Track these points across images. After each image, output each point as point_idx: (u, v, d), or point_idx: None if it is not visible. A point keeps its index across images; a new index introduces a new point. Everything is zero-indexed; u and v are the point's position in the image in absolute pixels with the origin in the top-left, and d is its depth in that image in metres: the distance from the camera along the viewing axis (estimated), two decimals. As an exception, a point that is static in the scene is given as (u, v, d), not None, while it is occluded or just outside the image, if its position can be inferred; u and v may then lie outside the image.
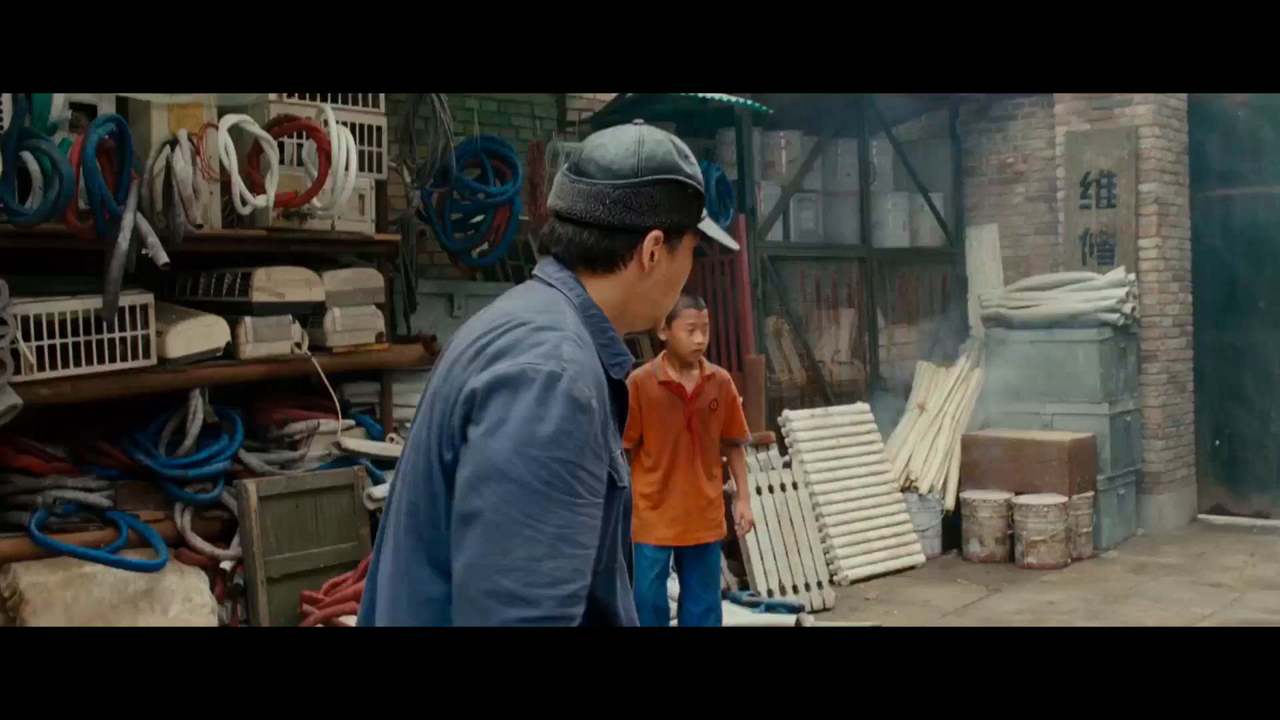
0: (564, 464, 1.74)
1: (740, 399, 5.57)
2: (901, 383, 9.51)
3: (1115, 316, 8.86)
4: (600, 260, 1.96)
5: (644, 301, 2.02)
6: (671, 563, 5.43)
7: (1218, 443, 9.77)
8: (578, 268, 1.98)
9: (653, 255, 1.96)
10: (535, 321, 1.87)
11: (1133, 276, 9.07)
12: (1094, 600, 7.38)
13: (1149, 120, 9.16)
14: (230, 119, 5.15)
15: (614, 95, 8.22)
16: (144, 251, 4.77)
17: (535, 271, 2.03)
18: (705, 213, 2.07)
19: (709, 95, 7.59)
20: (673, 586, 5.71)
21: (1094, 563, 8.45)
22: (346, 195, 5.51)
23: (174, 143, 4.97)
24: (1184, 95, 9.54)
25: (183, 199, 4.89)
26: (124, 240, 4.72)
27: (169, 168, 4.96)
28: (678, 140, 2.02)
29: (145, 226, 4.79)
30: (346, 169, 5.40)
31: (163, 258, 4.77)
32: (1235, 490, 9.72)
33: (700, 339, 5.23)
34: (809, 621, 6.23)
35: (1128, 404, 9.12)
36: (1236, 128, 9.44)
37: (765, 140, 8.95)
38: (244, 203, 5.16)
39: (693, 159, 2.03)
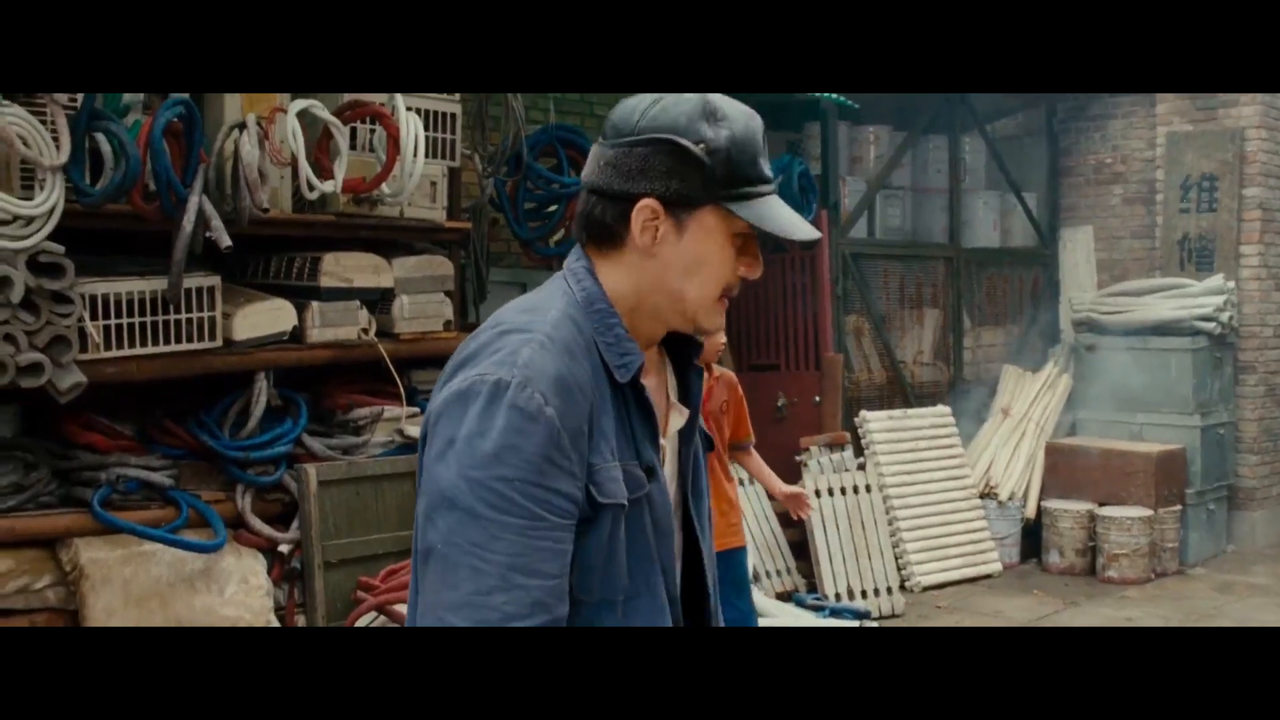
0: (510, 483, 1.57)
1: (744, 401, 5.46)
2: (986, 386, 9.29)
3: (1211, 325, 8.56)
4: (599, 233, 1.76)
5: (660, 292, 1.76)
6: None
7: (1317, 459, 9.40)
8: (588, 246, 1.79)
9: (651, 231, 1.72)
10: (506, 324, 1.71)
11: (1232, 284, 8.75)
12: (1173, 619, 7.13)
13: (1255, 122, 8.82)
14: (299, 104, 5.14)
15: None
16: (208, 234, 4.79)
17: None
18: (753, 192, 1.73)
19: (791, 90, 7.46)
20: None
21: (1178, 579, 8.18)
22: (414, 182, 5.48)
23: (242, 126, 4.97)
24: (1294, 96, 9.17)
25: (248, 182, 4.90)
26: (189, 222, 4.74)
27: (236, 151, 4.97)
28: (717, 101, 1.73)
29: (210, 209, 4.80)
30: (415, 155, 5.38)
31: (225, 241, 4.78)
32: (1334, 509, 9.34)
33: (722, 339, 5.20)
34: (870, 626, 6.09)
35: (1222, 416, 8.81)
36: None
37: (853, 135, 8.77)
38: (311, 188, 5.15)
39: (733, 122, 1.72)
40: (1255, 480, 9.03)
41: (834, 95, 7.65)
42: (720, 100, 1.74)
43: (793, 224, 1.77)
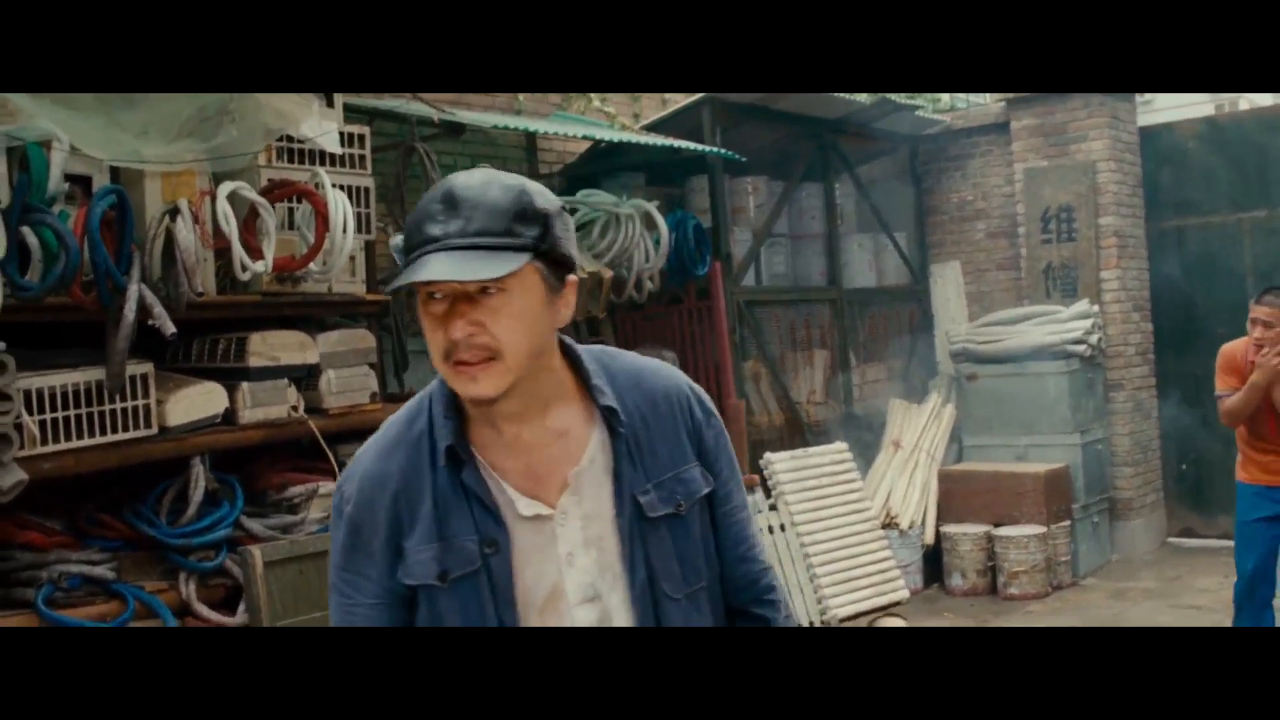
0: (333, 569, 1.94)
1: None
2: (875, 420, 9.62)
3: (1082, 348, 9.05)
4: None
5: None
6: None
7: (1184, 467, 9.97)
8: None
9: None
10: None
11: (1096, 308, 9.27)
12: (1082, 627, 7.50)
13: (1105, 155, 9.39)
14: (228, 185, 5.17)
15: (587, 146, 8.32)
16: (150, 322, 4.76)
17: None
18: (414, 258, 1.82)
19: (681, 145, 7.71)
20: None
21: (1074, 590, 8.59)
22: (345, 258, 5.53)
23: (174, 212, 4.97)
24: (1135, 129, 9.80)
25: (186, 268, 4.89)
26: (130, 311, 4.71)
27: (169, 236, 4.96)
28: (441, 188, 1.84)
29: (150, 297, 4.78)
30: (345, 231, 5.43)
31: (170, 328, 4.77)
32: (1202, 513, 9.90)
33: None
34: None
35: (1097, 433, 9.30)
36: (1187, 159, 9.70)
37: (733, 186, 9.05)
38: (244, 269, 5.16)
39: (421, 204, 1.87)
40: (1131, 491, 9.54)
41: (719, 150, 7.90)
42: (446, 182, 1.87)
43: (422, 270, 1.83)
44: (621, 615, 1.94)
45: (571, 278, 1.93)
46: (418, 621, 1.87)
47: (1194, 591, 8.28)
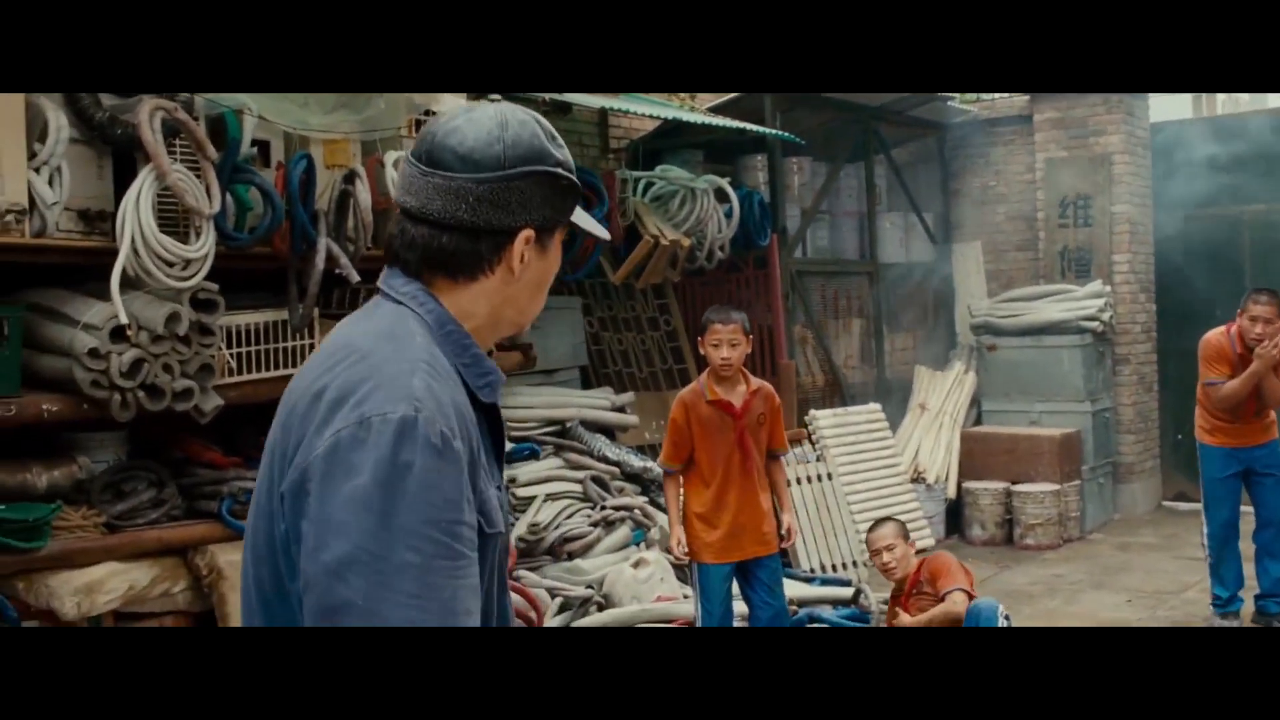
0: (438, 525, 1.49)
1: (781, 413, 5.71)
2: (903, 385, 10.47)
3: (1094, 324, 9.89)
4: (462, 266, 1.69)
5: (510, 307, 1.76)
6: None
7: (1179, 437, 10.85)
8: (433, 275, 1.70)
9: (523, 257, 1.70)
10: (377, 353, 1.60)
11: (1108, 288, 10.12)
12: (1094, 572, 8.37)
13: (1120, 148, 10.23)
14: (393, 154, 5.90)
15: (654, 123, 9.06)
16: (337, 271, 5.50)
17: (380, 284, 1.74)
18: (580, 211, 1.82)
19: (747, 126, 8.46)
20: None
21: (1083, 543, 9.46)
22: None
23: (351, 175, 5.69)
24: (1148, 125, 10.64)
25: (363, 224, 5.62)
26: (320, 261, 5.44)
27: (344, 195, 5.69)
28: (543, 120, 1.75)
29: (336, 249, 5.51)
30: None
31: (354, 276, 5.50)
32: (1195, 479, 10.72)
33: (726, 353, 5.27)
34: (867, 591, 7.08)
35: (1105, 402, 10.17)
36: (1195, 154, 10.53)
37: (781, 166, 9.84)
38: (406, 227, 5.89)
39: (560, 140, 1.76)
40: (1133, 456, 10.43)
41: (780, 133, 8.67)
42: (540, 117, 1.76)
43: (597, 225, 1.92)
44: None
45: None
46: None
47: (1191, 546, 9.13)
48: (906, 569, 5.87)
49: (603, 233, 1.98)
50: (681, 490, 5.65)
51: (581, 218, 1.81)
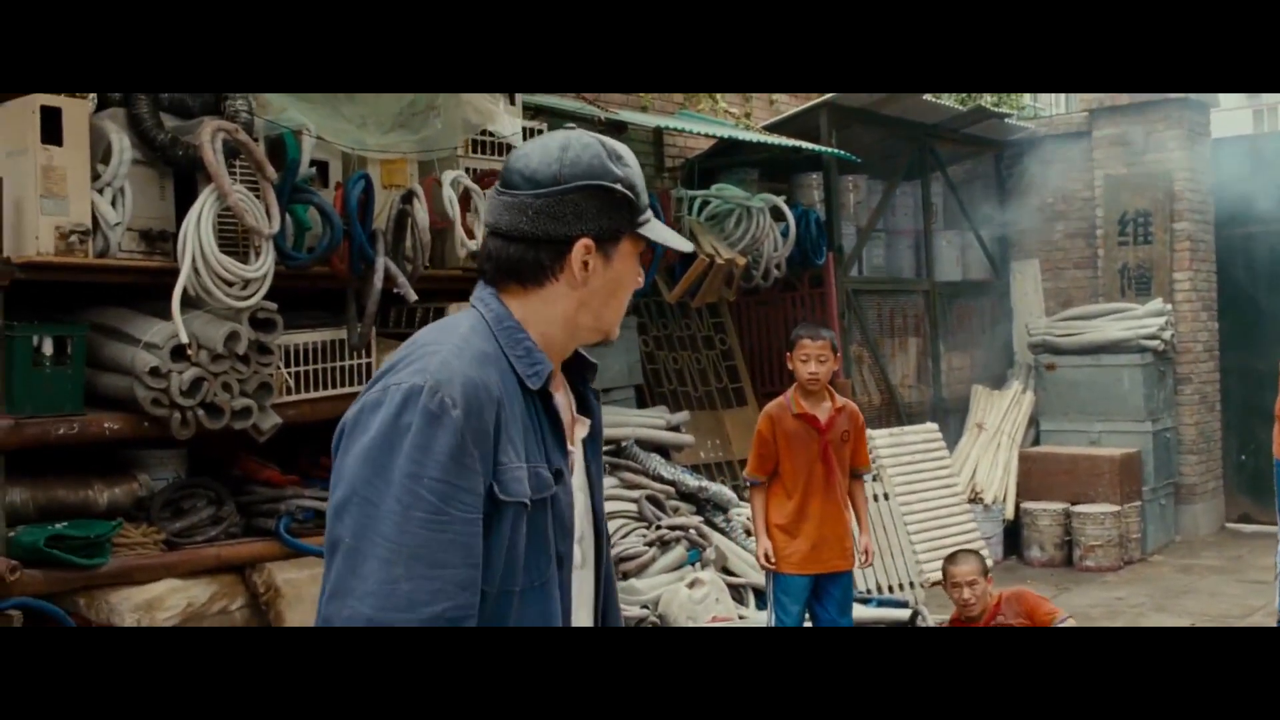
0: (419, 480, 1.69)
1: (865, 431, 5.78)
2: (960, 404, 10.36)
3: (1155, 343, 9.75)
4: (528, 274, 1.90)
5: (585, 313, 1.94)
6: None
7: (1243, 457, 10.68)
8: (507, 284, 1.93)
9: (586, 265, 1.89)
10: (421, 341, 1.86)
11: (1169, 306, 9.98)
12: (1156, 595, 8.23)
13: (1181, 164, 10.10)
14: (450, 174, 5.92)
15: (712, 141, 9.04)
16: (395, 290, 5.52)
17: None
18: (649, 216, 1.99)
19: (803, 145, 8.43)
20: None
21: (1144, 565, 9.31)
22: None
23: (409, 195, 5.72)
24: (1209, 140, 10.49)
25: (421, 243, 5.65)
26: (378, 280, 5.47)
27: (402, 215, 5.71)
28: (610, 142, 1.95)
29: (394, 268, 5.53)
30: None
31: (412, 295, 5.52)
32: (1259, 500, 10.60)
33: (814, 368, 5.40)
34: (924, 613, 7.00)
35: (1166, 422, 10.02)
36: (1256, 169, 10.38)
37: (837, 184, 9.79)
38: (462, 245, 5.91)
39: (628, 160, 1.96)
40: (1195, 477, 10.27)
41: (837, 151, 8.63)
42: (608, 140, 1.96)
43: (676, 238, 2.13)
44: (590, 551, 2.08)
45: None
46: (490, 544, 1.77)
47: (1256, 569, 8.99)
48: (985, 605, 5.83)
49: (681, 244, 2.14)
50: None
51: (654, 230, 1.99)
